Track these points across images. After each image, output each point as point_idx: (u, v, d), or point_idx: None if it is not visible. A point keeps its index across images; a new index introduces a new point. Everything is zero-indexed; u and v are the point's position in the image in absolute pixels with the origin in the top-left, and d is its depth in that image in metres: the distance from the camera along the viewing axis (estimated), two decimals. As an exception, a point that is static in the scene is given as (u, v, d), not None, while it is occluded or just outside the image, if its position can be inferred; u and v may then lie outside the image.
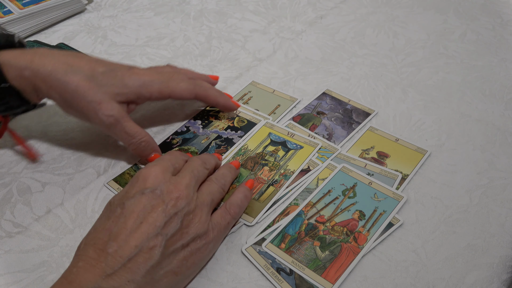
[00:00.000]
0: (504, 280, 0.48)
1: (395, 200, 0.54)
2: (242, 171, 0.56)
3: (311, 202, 0.54)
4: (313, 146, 0.58)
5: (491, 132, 0.64)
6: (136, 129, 0.54)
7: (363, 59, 0.77)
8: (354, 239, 0.50)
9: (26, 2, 0.80)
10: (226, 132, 0.60)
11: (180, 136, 0.60)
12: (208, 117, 0.63)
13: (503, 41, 0.81)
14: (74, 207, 0.54)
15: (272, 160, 0.57)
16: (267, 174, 0.55)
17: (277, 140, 0.59)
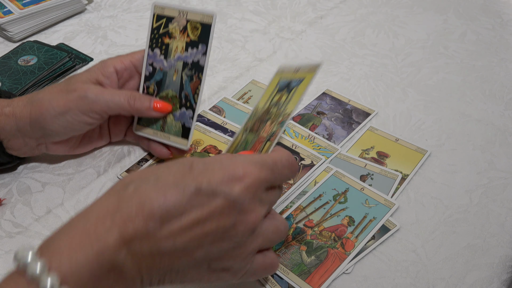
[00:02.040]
0: (504, 280, 0.48)
1: (386, 207, 0.53)
2: (248, 136, 0.52)
3: (300, 206, 0.53)
4: (313, 71, 0.52)
5: (491, 132, 0.64)
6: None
7: (363, 59, 0.77)
8: (341, 245, 0.49)
9: (26, 2, 0.80)
10: (188, 54, 0.55)
11: (152, 81, 0.57)
12: (162, 39, 0.57)
13: (503, 41, 0.81)
14: (74, 207, 0.54)
15: (275, 111, 0.52)
16: (268, 130, 0.51)
17: (283, 85, 0.54)
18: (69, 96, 0.50)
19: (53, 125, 0.51)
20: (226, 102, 0.68)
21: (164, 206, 0.34)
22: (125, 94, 0.53)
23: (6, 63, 0.71)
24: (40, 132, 0.51)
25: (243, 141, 0.53)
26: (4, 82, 0.68)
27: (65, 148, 0.56)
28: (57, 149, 0.56)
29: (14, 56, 0.72)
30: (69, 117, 0.50)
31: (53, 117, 0.50)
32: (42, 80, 0.69)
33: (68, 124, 0.51)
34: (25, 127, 0.51)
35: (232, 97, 0.69)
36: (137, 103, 0.53)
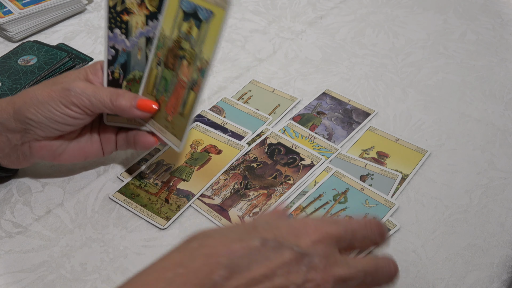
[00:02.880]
0: (504, 280, 0.48)
1: (386, 207, 0.53)
2: (165, 73, 0.51)
3: (301, 206, 0.53)
4: (223, 7, 0.47)
5: (491, 132, 0.64)
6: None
7: (363, 59, 0.77)
8: None
9: (26, 2, 0.80)
10: (149, 27, 0.53)
11: (116, 65, 0.54)
12: (121, 17, 0.54)
13: (503, 41, 0.81)
14: (74, 207, 0.54)
15: (188, 48, 0.50)
16: (186, 73, 0.50)
17: (188, 9, 0.50)
18: (53, 87, 0.50)
19: (35, 114, 0.49)
20: (226, 102, 0.68)
21: (231, 258, 0.33)
22: (109, 91, 0.51)
23: (6, 63, 0.71)
24: (22, 123, 0.50)
25: (161, 78, 0.51)
26: (4, 82, 0.68)
27: (50, 151, 0.53)
28: (42, 151, 0.52)
29: (14, 56, 0.72)
30: (50, 107, 0.49)
31: (35, 106, 0.49)
32: (42, 80, 0.69)
33: (49, 115, 0.49)
34: (8, 120, 0.50)
35: (232, 97, 0.69)
36: (119, 100, 0.50)
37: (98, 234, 0.52)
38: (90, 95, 0.50)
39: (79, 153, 0.55)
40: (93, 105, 0.50)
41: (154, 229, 0.52)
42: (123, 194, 0.55)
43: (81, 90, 0.49)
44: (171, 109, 0.51)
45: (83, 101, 0.49)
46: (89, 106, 0.50)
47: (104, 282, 0.47)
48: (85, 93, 0.49)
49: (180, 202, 0.55)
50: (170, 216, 0.53)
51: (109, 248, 0.50)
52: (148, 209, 0.54)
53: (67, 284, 0.47)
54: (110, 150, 0.56)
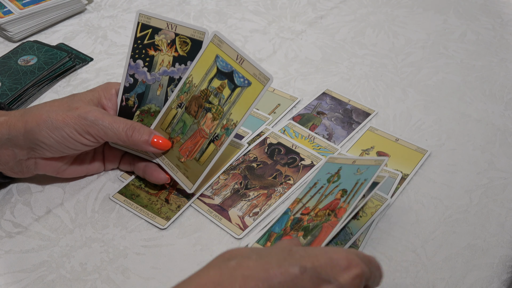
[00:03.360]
0: (504, 280, 0.48)
1: (375, 166, 0.48)
2: (185, 117, 0.52)
3: (297, 199, 0.53)
4: (262, 83, 0.49)
5: (491, 132, 0.64)
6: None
7: (363, 59, 0.77)
8: (334, 216, 0.47)
9: (26, 2, 0.80)
10: (175, 69, 0.53)
11: (132, 93, 0.55)
12: (146, 50, 0.55)
13: (503, 41, 0.81)
14: (74, 207, 0.54)
15: (216, 104, 0.51)
16: (210, 125, 0.51)
17: (224, 69, 0.51)
18: (69, 113, 0.50)
19: (48, 138, 0.49)
20: (226, 102, 0.68)
21: (270, 283, 0.34)
22: (125, 123, 0.51)
23: (6, 63, 0.71)
24: (32, 143, 0.49)
25: (180, 120, 0.52)
26: (4, 82, 0.68)
27: (54, 168, 0.53)
28: (47, 167, 0.53)
29: (14, 56, 0.72)
30: (64, 133, 0.49)
31: (48, 130, 0.49)
32: (42, 80, 0.69)
33: (62, 140, 0.49)
34: (17, 137, 0.49)
35: (232, 97, 0.69)
36: (135, 135, 0.51)
37: (98, 234, 0.52)
38: (107, 126, 0.50)
39: (81, 169, 0.56)
40: (107, 136, 0.51)
41: (154, 229, 0.52)
42: (123, 195, 0.55)
43: (96, 120, 0.50)
44: (186, 152, 0.52)
45: (98, 131, 0.50)
46: (104, 136, 0.51)
47: (104, 282, 0.47)
48: (101, 124, 0.50)
49: (180, 202, 0.55)
50: (170, 216, 0.53)
51: (109, 248, 0.50)
52: (148, 209, 0.54)
53: (67, 284, 0.47)
54: (111, 167, 0.58)
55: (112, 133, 0.50)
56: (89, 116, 0.50)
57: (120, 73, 0.73)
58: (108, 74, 0.73)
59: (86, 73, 0.74)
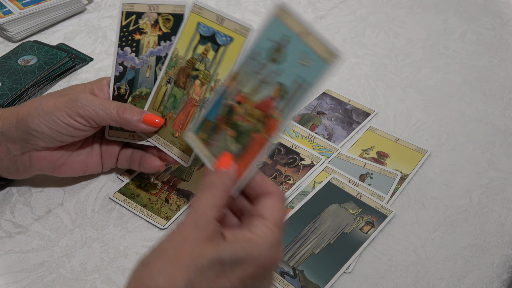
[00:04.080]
0: (504, 280, 0.48)
1: (323, 63, 0.38)
2: (175, 91, 0.52)
3: (235, 74, 0.45)
4: (244, 35, 0.48)
5: (491, 132, 0.64)
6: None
7: (363, 59, 0.77)
8: (264, 127, 0.41)
9: (26, 2, 0.80)
10: (160, 47, 0.54)
11: (123, 81, 0.55)
12: (132, 36, 0.55)
13: (503, 41, 0.81)
14: (74, 207, 0.54)
15: (203, 69, 0.50)
16: (199, 92, 0.50)
17: (206, 33, 0.51)
18: (59, 98, 0.50)
19: (39, 124, 0.49)
20: (226, 102, 0.68)
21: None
22: (116, 104, 0.51)
23: (6, 63, 0.71)
24: (24, 133, 0.49)
25: (170, 96, 0.52)
26: (4, 82, 0.68)
27: (50, 162, 0.52)
28: (42, 161, 0.52)
29: (14, 56, 0.72)
30: (55, 118, 0.49)
31: (40, 116, 0.49)
32: (42, 80, 0.69)
33: (53, 125, 0.49)
34: (10, 130, 0.49)
35: (232, 97, 0.69)
36: (126, 113, 0.50)
37: (98, 234, 0.52)
38: (97, 106, 0.49)
39: (78, 166, 0.55)
40: (99, 117, 0.50)
41: (154, 229, 0.52)
42: (123, 194, 0.55)
43: (88, 102, 0.49)
44: (179, 126, 0.51)
45: (89, 112, 0.49)
46: (95, 118, 0.50)
47: (104, 282, 0.47)
48: (92, 104, 0.49)
49: (180, 202, 0.55)
50: (170, 216, 0.53)
51: (109, 248, 0.50)
52: (148, 209, 0.54)
53: (67, 284, 0.47)
54: (109, 166, 0.57)
55: (103, 113, 0.50)
56: (80, 98, 0.49)
57: (120, 73, 0.73)
58: (108, 74, 0.73)
59: (86, 73, 0.74)
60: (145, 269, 0.36)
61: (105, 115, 0.50)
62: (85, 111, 0.49)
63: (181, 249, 0.36)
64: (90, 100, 0.50)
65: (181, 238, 0.37)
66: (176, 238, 0.37)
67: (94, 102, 0.50)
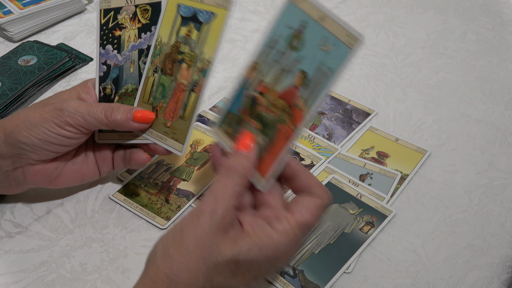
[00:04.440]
0: (504, 280, 0.48)
1: (345, 48, 0.38)
2: (163, 79, 0.50)
3: (254, 63, 0.44)
4: (226, 8, 0.46)
5: (491, 132, 0.64)
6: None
7: (363, 59, 0.77)
8: (290, 118, 0.40)
9: (26, 2, 0.80)
10: (142, 40, 0.52)
11: (108, 80, 0.53)
12: (113, 33, 0.53)
13: (503, 41, 0.81)
14: (74, 207, 0.54)
15: (188, 51, 0.49)
16: (186, 75, 0.49)
17: (187, 14, 0.49)
18: (45, 108, 0.48)
19: (28, 137, 0.47)
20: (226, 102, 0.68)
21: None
22: (103, 106, 0.49)
23: (6, 63, 0.71)
24: (15, 148, 0.47)
25: (158, 85, 0.50)
26: (4, 82, 0.68)
27: (45, 176, 0.50)
28: (36, 176, 0.50)
29: (14, 56, 0.72)
30: (44, 129, 0.47)
31: (27, 129, 0.47)
32: (42, 80, 0.69)
33: (43, 137, 0.47)
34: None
35: (232, 97, 0.69)
36: (115, 114, 0.48)
37: (98, 234, 0.52)
38: (84, 113, 0.48)
39: (75, 175, 0.53)
40: (88, 123, 0.48)
41: (154, 229, 0.52)
42: (123, 194, 0.55)
43: (74, 109, 0.47)
44: (170, 114, 0.50)
45: (77, 119, 0.47)
46: (84, 124, 0.48)
47: (104, 282, 0.48)
48: (78, 112, 0.47)
49: (180, 202, 0.55)
50: (170, 216, 0.53)
51: (109, 248, 0.50)
52: (148, 209, 0.54)
53: (67, 284, 0.47)
54: (106, 170, 0.54)
55: (91, 118, 0.48)
56: (65, 107, 0.47)
57: (120, 73, 0.73)
58: (108, 74, 0.73)
59: (86, 73, 0.74)
60: (167, 260, 0.37)
61: (93, 120, 0.48)
62: (72, 119, 0.47)
63: (201, 244, 0.37)
64: (76, 107, 0.48)
65: (200, 230, 0.37)
66: (195, 229, 0.37)
67: (80, 109, 0.48)
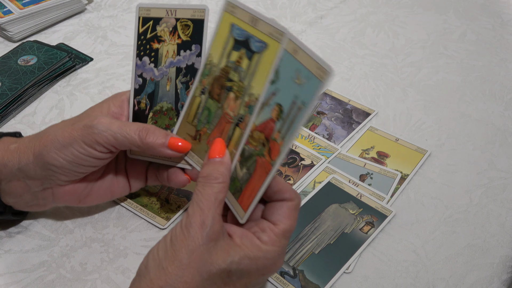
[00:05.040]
0: (504, 280, 0.48)
1: (316, 81, 0.38)
2: (209, 103, 0.47)
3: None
4: (277, 40, 0.42)
5: (491, 132, 0.64)
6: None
7: (363, 59, 0.77)
8: (268, 152, 0.41)
9: (26, 2, 0.80)
10: (180, 57, 0.49)
11: (143, 94, 0.50)
12: (151, 45, 0.50)
13: (503, 41, 0.81)
14: (74, 207, 0.54)
15: (237, 80, 0.45)
16: (233, 107, 0.45)
17: (240, 37, 0.45)
18: (74, 126, 0.45)
19: (57, 159, 0.45)
20: (226, 102, 0.68)
21: None
22: (137, 126, 0.45)
23: (6, 63, 0.71)
24: (44, 170, 0.45)
25: (205, 108, 0.47)
26: (4, 82, 0.68)
27: (74, 195, 0.49)
28: (65, 196, 0.48)
29: (14, 56, 0.72)
30: (73, 150, 0.44)
31: (57, 150, 0.44)
32: (42, 80, 0.69)
33: (73, 158, 0.45)
34: (28, 166, 0.45)
35: (232, 97, 0.69)
36: (150, 137, 0.45)
37: (98, 234, 0.52)
38: (116, 131, 0.45)
39: (105, 192, 0.51)
40: (119, 143, 0.45)
41: (154, 229, 0.52)
42: (123, 194, 0.55)
43: (105, 127, 0.44)
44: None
45: (107, 139, 0.45)
46: (115, 144, 0.45)
47: (104, 282, 0.47)
48: (110, 130, 0.44)
49: (180, 202, 0.55)
50: (170, 216, 0.53)
51: (109, 248, 0.50)
52: (148, 209, 0.54)
53: (67, 284, 0.47)
54: (138, 186, 0.53)
55: (123, 138, 0.45)
56: (95, 124, 0.45)
57: (120, 73, 0.73)
58: (108, 74, 0.73)
59: (86, 73, 0.74)
60: (161, 273, 0.37)
61: (125, 141, 0.45)
62: (103, 138, 0.44)
63: (194, 256, 0.38)
64: (107, 125, 0.45)
65: (192, 241, 0.38)
66: (187, 241, 0.38)
67: (112, 127, 0.45)
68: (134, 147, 0.46)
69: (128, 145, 0.45)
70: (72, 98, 0.69)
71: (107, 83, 0.72)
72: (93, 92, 0.70)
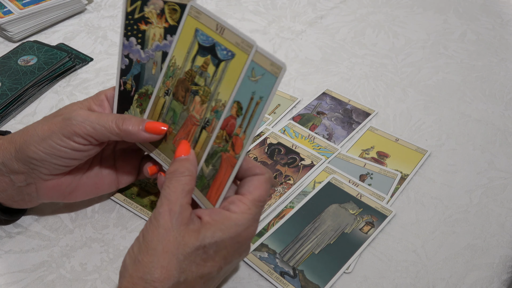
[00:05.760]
0: (504, 280, 0.48)
1: (271, 76, 0.41)
2: (174, 105, 0.48)
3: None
4: (246, 51, 0.43)
5: (491, 132, 0.64)
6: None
7: (363, 59, 0.77)
8: (232, 146, 0.43)
9: (26, 2, 0.80)
10: (167, 41, 0.49)
11: (129, 76, 0.50)
12: (138, 26, 0.50)
13: (503, 41, 0.81)
14: (74, 207, 0.54)
15: (203, 85, 0.46)
16: (199, 110, 0.46)
17: (205, 43, 0.46)
18: (53, 120, 0.46)
19: (37, 152, 0.45)
20: (226, 102, 0.68)
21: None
22: (114, 116, 0.47)
23: (6, 63, 0.71)
24: (25, 164, 0.46)
25: (169, 109, 0.48)
26: (4, 82, 0.68)
27: (58, 191, 0.49)
28: (50, 192, 0.49)
29: (14, 56, 0.72)
30: (52, 142, 0.45)
31: (36, 143, 0.45)
32: (42, 80, 0.69)
33: (52, 150, 0.45)
34: (10, 160, 0.46)
35: (232, 97, 0.69)
36: (126, 123, 0.46)
37: (98, 234, 0.52)
38: (93, 121, 0.45)
39: (90, 189, 0.51)
40: (97, 132, 0.46)
41: (154, 229, 0.52)
42: (123, 194, 0.55)
43: (83, 118, 0.45)
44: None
45: (86, 129, 0.45)
46: (93, 134, 0.46)
47: (104, 282, 0.48)
48: (87, 120, 0.45)
49: (180, 202, 0.55)
50: (170, 216, 0.53)
51: (109, 248, 0.50)
52: (148, 209, 0.54)
53: (67, 284, 0.47)
54: (127, 181, 0.53)
55: (101, 127, 0.46)
56: (74, 116, 0.45)
57: (120, 73, 0.73)
58: (108, 74, 0.73)
59: (86, 73, 0.74)
60: (138, 265, 0.38)
61: (103, 129, 0.46)
62: (81, 129, 0.45)
63: (166, 241, 0.39)
64: (85, 116, 0.46)
65: (163, 229, 0.39)
66: (157, 230, 0.39)
67: (90, 118, 0.46)
68: (113, 136, 0.47)
69: (107, 134, 0.46)
70: (72, 98, 0.69)
71: (107, 83, 0.72)
72: (93, 92, 0.70)
